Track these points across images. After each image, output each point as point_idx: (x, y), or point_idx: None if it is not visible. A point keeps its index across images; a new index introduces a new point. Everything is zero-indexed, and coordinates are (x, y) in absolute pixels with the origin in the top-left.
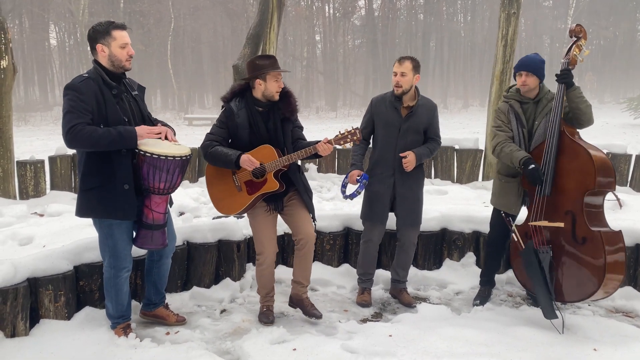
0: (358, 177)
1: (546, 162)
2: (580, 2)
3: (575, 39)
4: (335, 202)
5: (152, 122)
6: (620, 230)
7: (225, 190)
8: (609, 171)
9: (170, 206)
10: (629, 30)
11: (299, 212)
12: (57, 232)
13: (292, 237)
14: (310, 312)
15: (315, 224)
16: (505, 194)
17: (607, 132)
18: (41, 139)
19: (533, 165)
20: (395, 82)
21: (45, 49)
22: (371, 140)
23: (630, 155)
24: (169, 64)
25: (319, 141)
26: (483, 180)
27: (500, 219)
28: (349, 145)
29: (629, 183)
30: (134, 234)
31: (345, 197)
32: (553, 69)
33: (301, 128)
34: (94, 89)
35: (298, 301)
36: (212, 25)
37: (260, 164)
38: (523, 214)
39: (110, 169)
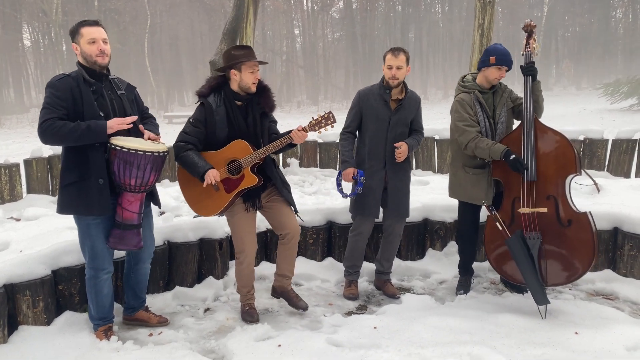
0: (354, 175)
1: (526, 148)
2: None
3: (529, 33)
4: (317, 197)
5: (138, 119)
6: (588, 212)
7: (202, 192)
8: (578, 155)
9: (159, 208)
10: (603, 17)
11: (280, 208)
12: (34, 237)
13: (276, 232)
14: (297, 304)
15: (299, 217)
16: (475, 186)
17: (584, 117)
18: (17, 142)
19: (514, 156)
20: (391, 75)
21: (19, 50)
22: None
23: (607, 140)
24: (147, 62)
25: (292, 130)
26: None
27: (467, 211)
28: (324, 131)
29: (606, 167)
30: None
31: (346, 196)
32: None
33: (275, 122)
34: (71, 86)
35: (283, 293)
36: (189, 21)
37: (235, 160)
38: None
39: (86, 164)
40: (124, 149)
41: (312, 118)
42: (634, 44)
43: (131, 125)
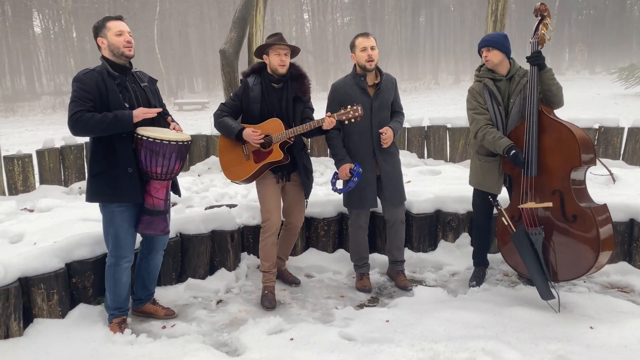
0: (352, 169)
1: (529, 142)
2: None
3: (541, 17)
4: (328, 187)
5: (161, 113)
6: (605, 204)
7: (234, 159)
8: (590, 147)
9: (179, 196)
10: (618, 0)
11: (295, 195)
12: (48, 228)
13: (283, 217)
14: (290, 280)
15: (306, 203)
16: (486, 174)
17: (598, 103)
18: (30, 129)
19: (514, 151)
20: (367, 57)
21: (29, 38)
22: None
23: (623, 128)
24: (156, 49)
25: (325, 117)
26: None
27: (482, 200)
28: (350, 121)
29: (621, 156)
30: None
31: (341, 191)
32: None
33: (312, 110)
34: (96, 80)
35: (278, 272)
36: (198, 7)
37: (267, 135)
38: (505, 197)
39: (114, 154)
40: (149, 139)
41: (342, 108)
42: None
43: (155, 115)
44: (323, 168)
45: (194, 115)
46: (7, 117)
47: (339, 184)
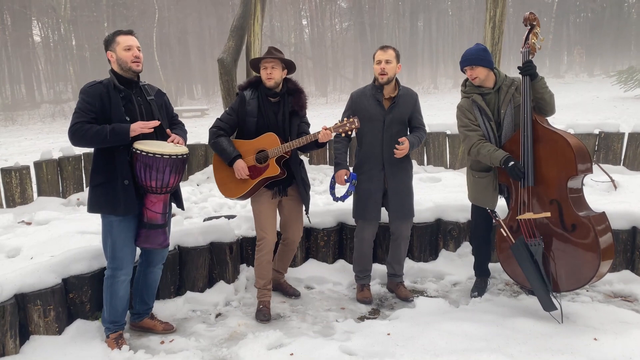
0: (346, 178)
1: (524, 152)
2: None
3: (530, 27)
4: (327, 196)
5: (163, 126)
6: (603, 212)
7: (230, 175)
8: (586, 155)
9: (183, 209)
10: (616, 2)
11: (293, 208)
12: (45, 242)
13: (280, 230)
14: (290, 293)
15: (309, 218)
16: (481, 190)
17: (597, 106)
18: (29, 138)
19: (512, 162)
20: (380, 70)
21: (29, 46)
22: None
23: (623, 134)
24: (155, 56)
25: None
26: None
27: (480, 213)
28: (347, 133)
29: (622, 162)
30: None
31: (336, 199)
32: (542, 45)
33: (308, 124)
34: (100, 92)
35: (277, 285)
36: (197, 15)
37: (263, 150)
38: (504, 207)
39: (113, 166)
40: (143, 153)
41: (338, 121)
42: None
43: (152, 130)
44: (322, 176)
45: (193, 123)
46: (6, 126)
47: (338, 192)
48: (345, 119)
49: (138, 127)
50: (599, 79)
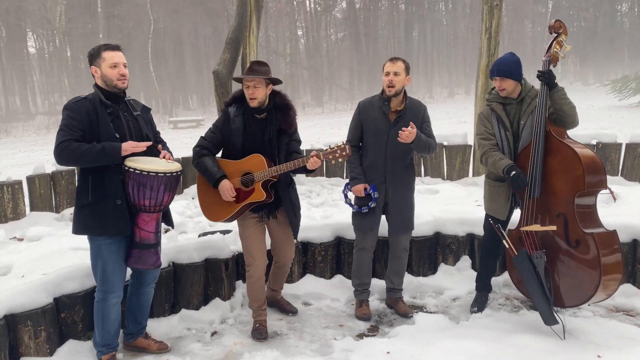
0: (367, 191)
1: (534, 163)
2: None
3: (556, 34)
4: (324, 209)
5: (151, 140)
6: (614, 230)
7: (214, 198)
8: (599, 169)
9: (172, 227)
10: (609, 11)
11: (282, 231)
12: (37, 259)
13: (272, 253)
14: (287, 310)
15: (296, 241)
16: (495, 199)
17: (592, 114)
18: (23, 150)
19: (514, 172)
20: (388, 82)
21: (24, 58)
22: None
23: (620, 144)
24: (151, 67)
25: (310, 156)
26: (474, 176)
27: (490, 223)
28: (337, 160)
29: (620, 172)
30: None
31: (355, 209)
32: (537, 55)
33: (299, 142)
34: (87, 108)
35: (274, 302)
36: (192, 25)
37: (249, 173)
38: (516, 217)
39: (102, 186)
40: (137, 171)
41: (329, 146)
42: None
43: (145, 149)
44: (319, 188)
45: (189, 133)
46: (0, 138)
47: (354, 199)
48: (335, 145)
49: (130, 146)
50: (594, 88)
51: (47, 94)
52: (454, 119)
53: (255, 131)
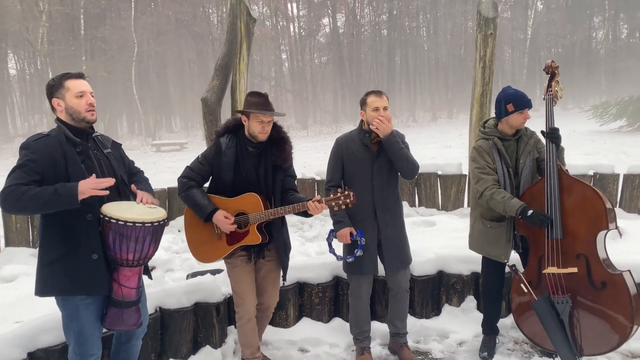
0: (353, 236)
1: (550, 202)
2: (538, 12)
3: (551, 75)
4: (319, 243)
5: (126, 182)
6: (628, 270)
7: (204, 237)
8: (612, 208)
9: (150, 279)
10: (585, 39)
11: (270, 272)
12: (10, 304)
13: (256, 294)
14: None
15: (283, 283)
16: (492, 241)
17: (575, 140)
18: (1, 174)
19: (531, 211)
20: (381, 118)
21: (4, 79)
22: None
23: (618, 175)
24: (134, 90)
25: (310, 199)
26: (469, 206)
27: (492, 267)
28: (341, 207)
29: (618, 204)
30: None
31: (342, 259)
32: (517, 80)
33: (294, 178)
34: (52, 148)
35: None
36: (176, 49)
37: (243, 214)
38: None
39: (74, 238)
40: (119, 222)
41: (332, 193)
42: (617, 65)
43: (107, 192)
44: (311, 220)
45: (172, 157)
46: None
47: (338, 248)
48: (339, 191)
49: (88, 187)
50: (573, 112)
51: (27, 116)
52: (439, 143)
53: (248, 166)
